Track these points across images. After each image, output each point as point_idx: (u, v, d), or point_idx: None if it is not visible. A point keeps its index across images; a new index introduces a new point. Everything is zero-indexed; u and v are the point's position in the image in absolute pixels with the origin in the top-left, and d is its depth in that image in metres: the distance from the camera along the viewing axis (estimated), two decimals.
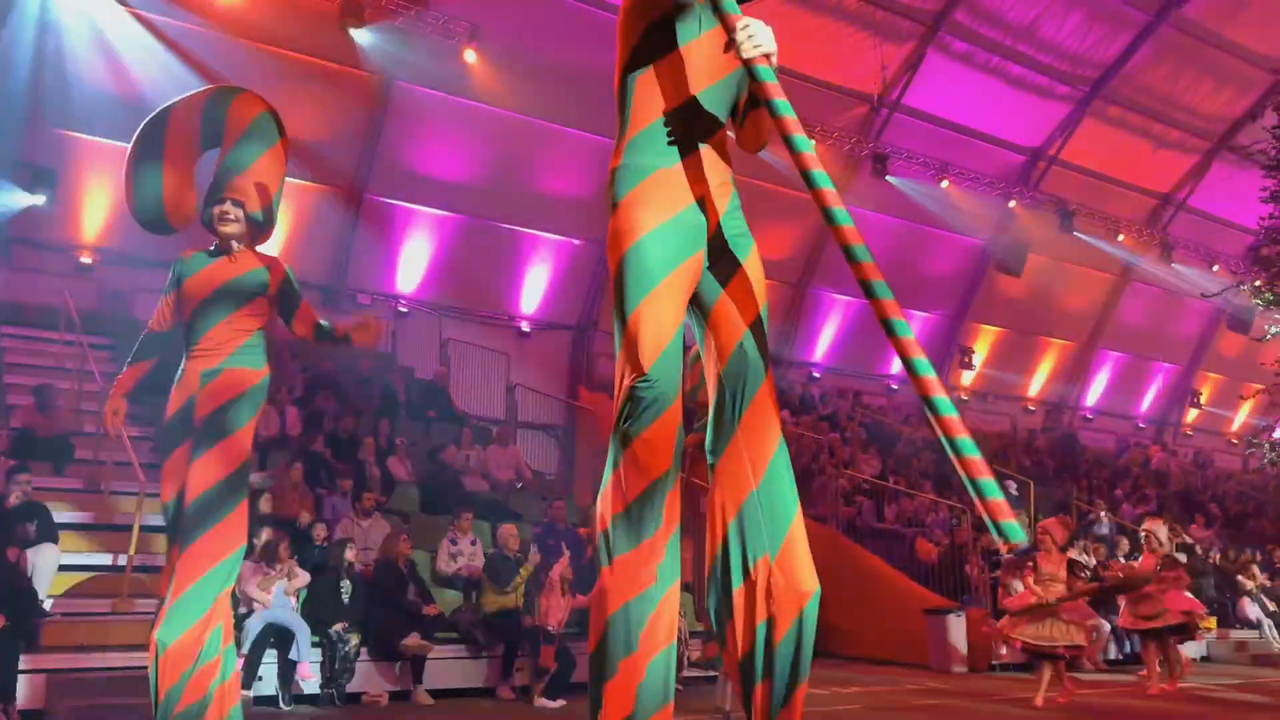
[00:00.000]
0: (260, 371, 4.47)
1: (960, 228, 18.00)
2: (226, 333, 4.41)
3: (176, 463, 4.32)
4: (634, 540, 2.72)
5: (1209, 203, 20.32)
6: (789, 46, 13.66)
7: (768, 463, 2.83)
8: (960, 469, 2.34)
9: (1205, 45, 17.79)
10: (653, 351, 2.73)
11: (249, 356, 4.44)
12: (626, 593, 2.70)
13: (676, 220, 2.80)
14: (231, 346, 4.40)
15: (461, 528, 8.91)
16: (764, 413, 2.82)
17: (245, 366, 4.40)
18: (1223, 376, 22.87)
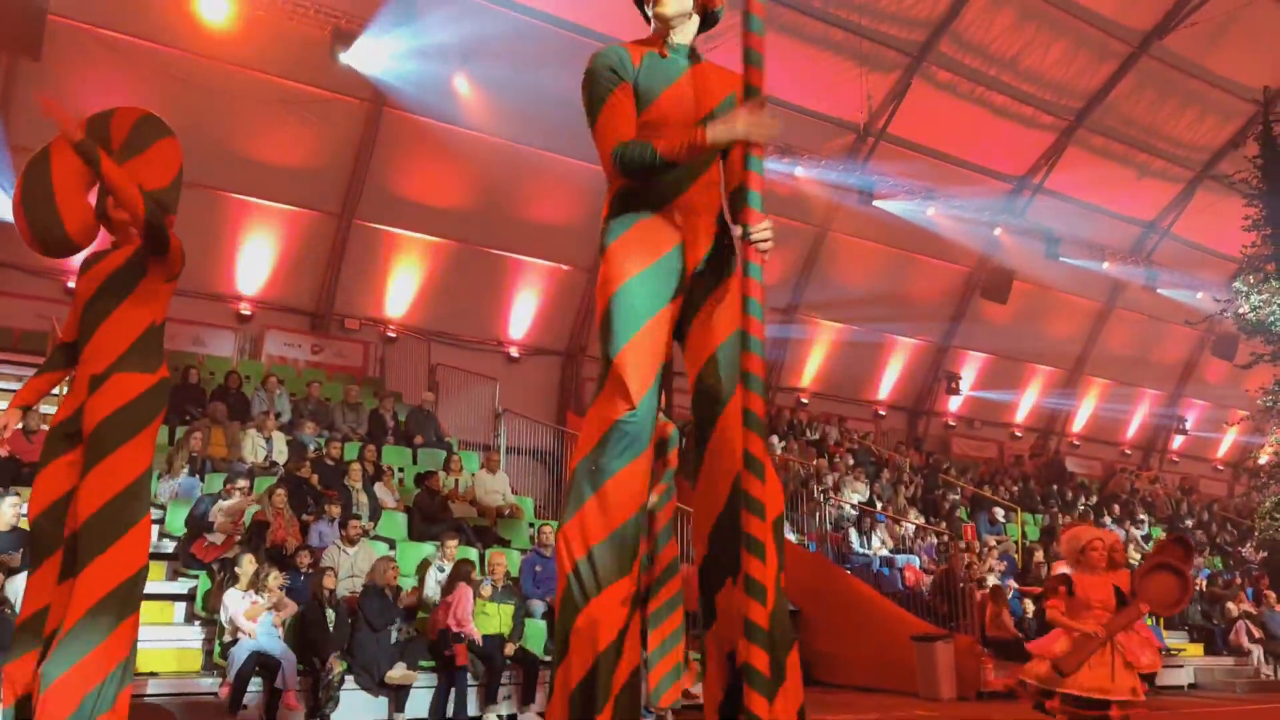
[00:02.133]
0: (153, 375, 4.05)
1: (947, 254, 18.12)
2: (114, 332, 4.01)
3: (53, 475, 3.93)
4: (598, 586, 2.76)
5: (1193, 231, 20.51)
6: (778, 77, 13.80)
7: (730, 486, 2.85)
8: None
9: (1187, 76, 18.03)
10: (637, 392, 2.82)
11: (139, 359, 4.02)
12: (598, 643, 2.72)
13: (657, 266, 2.92)
14: (120, 348, 4.00)
15: (448, 554, 8.86)
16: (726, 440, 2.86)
17: (136, 371, 4.00)
18: (1208, 403, 23.00)
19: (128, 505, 3.86)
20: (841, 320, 18.42)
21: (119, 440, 3.88)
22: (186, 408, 11.11)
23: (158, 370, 4.09)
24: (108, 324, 4.02)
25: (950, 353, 19.80)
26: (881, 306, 18.46)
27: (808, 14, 15.08)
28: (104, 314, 4.03)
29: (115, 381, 3.95)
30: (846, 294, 18.02)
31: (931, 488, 15.83)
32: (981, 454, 20.02)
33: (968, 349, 19.96)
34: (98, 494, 3.81)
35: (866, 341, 18.88)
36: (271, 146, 13.29)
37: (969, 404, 20.28)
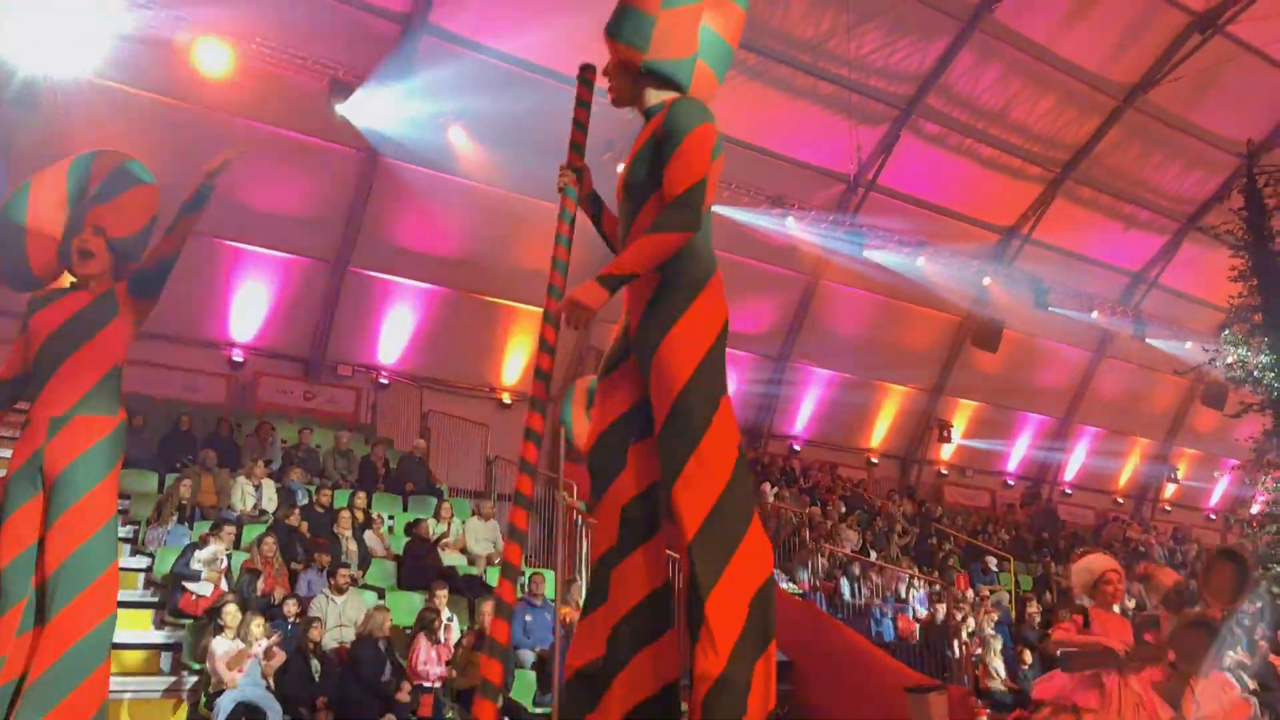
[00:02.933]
0: (114, 418, 3.96)
1: (937, 303, 18.26)
2: (77, 374, 3.88)
3: (17, 523, 3.77)
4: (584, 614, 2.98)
5: (1180, 281, 20.72)
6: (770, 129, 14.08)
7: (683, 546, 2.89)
8: None
9: (1172, 129, 18.34)
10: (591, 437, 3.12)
11: (102, 401, 3.91)
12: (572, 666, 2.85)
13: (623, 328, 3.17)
14: (82, 390, 3.87)
15: (437, 603, 8.79)
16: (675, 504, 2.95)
17: (98, 413, 3.89)
18: (1199, 451, 23.06)
19: (97, 551, 3.78)
20: (833, 368, 18.49)
21: (86, 486, 3.79)
22: (177, 455, 11.08)
23: (118, 413, 4.00)
24: (70, 365, 3.89)
25: (942, 401, 19.85)
26: (873, 354, 18.56)
27: (797, 68, 15.35)
28: (65, 355, 3.90)
29: (78, 424, 3.84)
30: (838, 342, 18.12)
31: (924, 536, 15.79)
32: (974, 502, 20.00)
33: (959, 397, 20.03)
34: (68, 541, 3.72)
35: (858, 389, 18.94)
36: (268, 194, 13.40)
37: (961, 452, 20.30)
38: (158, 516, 9.44)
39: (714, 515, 2.83)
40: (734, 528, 2.85)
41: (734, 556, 2.81)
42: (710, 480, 2.84)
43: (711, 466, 2.85)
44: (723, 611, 2.75)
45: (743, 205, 15.51)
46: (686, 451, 2.87)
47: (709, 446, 2.86)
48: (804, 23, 15.05)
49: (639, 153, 3.11)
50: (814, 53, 15.33)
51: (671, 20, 3.03)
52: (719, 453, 2.86)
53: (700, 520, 2.82)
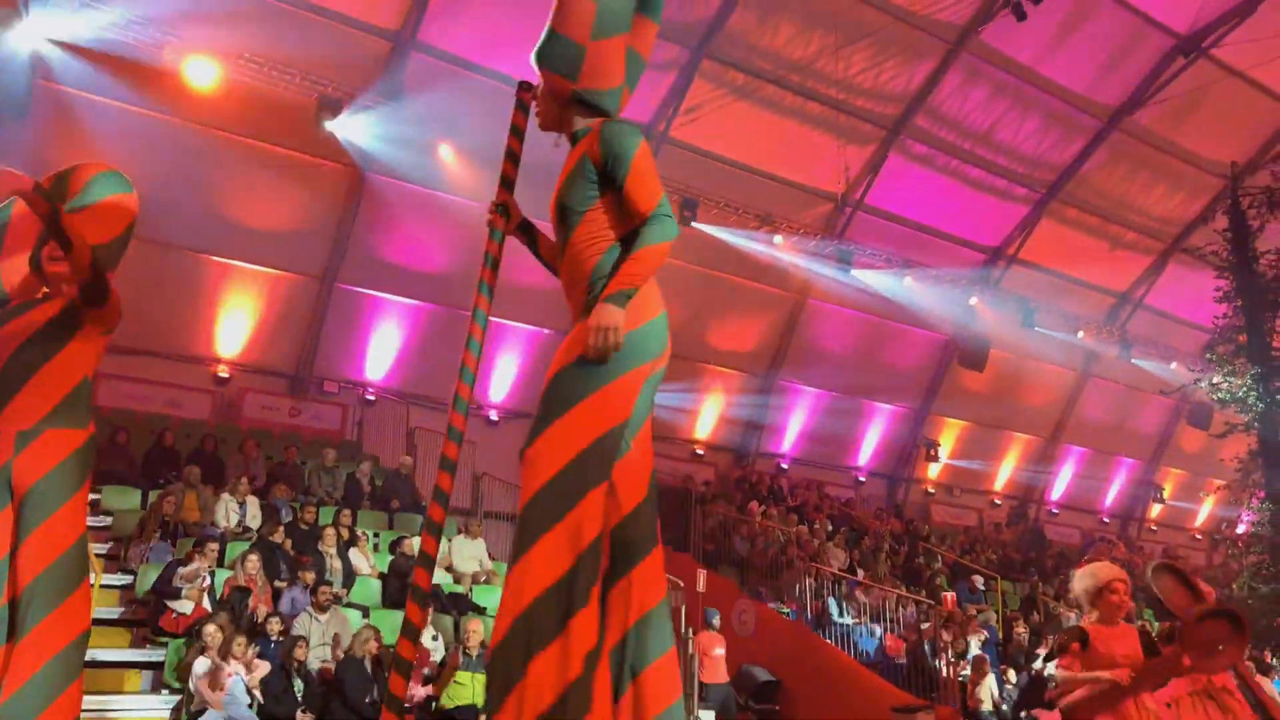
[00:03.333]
0: (84, 431, 3.87)
1: (924, 322, 18.32)
2: (45, 386, 3.79)
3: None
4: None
5: (1165, 301, 20.85)
6: (759, 148, 14.16)
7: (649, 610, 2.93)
8: None
9: (1157, 151, 18.49)
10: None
11: (71, 415, 3.82)
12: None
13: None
14: (51, 403, 3.78)
15: None
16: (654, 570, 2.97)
17: (68, 427, 3.80)
18: (1185, 472, 23.13)
19: (70, 567, 3.73)
20: (821, 387, 18.52)
21: (57, 501, 3.73)
22: (160, 471, 10.99)
23: (88, 426, 3.92)
24: (38, 378, 3.80)
25: (929, 420, 19.89)
26: (860, 373, 18.60)
27: (785, 88, 15.44)
28: (33, 367, 3.80)
29: (48, 439, 3.76)
30: (825, 361, 18.15)
31: (912, 555, 15.77)
32: (961, 522, 20.01)
33: (946, 416, 20.06)
34: (40, 558, 3.67)
35: (846, 408, 18.96)
36: (255, 210, 13.38)
37: (948, 471, 20.32)
38: (140, 533, 9.36)
39: (541, 492, 2.87)
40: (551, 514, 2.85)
41: (542, 537, 2.82)
42: (546, 461, 2.89)
43: (554, 449, 2.89)
44: (511, 589, 2.81)
45: (731, 224, 15.56)
46: (543, 427, 2.96)
47: (561, 429, 2.91)
48: (792, 43, 15.15)
49: (570, 175, 3.20)
50: (802, 73, 15.43)
51: (600, 51, 3.11)
52: (563, 440, 2.89)
53: (528, 496, 2.89)
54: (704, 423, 17.58)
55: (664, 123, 14.97)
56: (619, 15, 3.17)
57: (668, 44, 14.48)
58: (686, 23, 14.37)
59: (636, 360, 3.00)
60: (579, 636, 2.74)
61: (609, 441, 2.91)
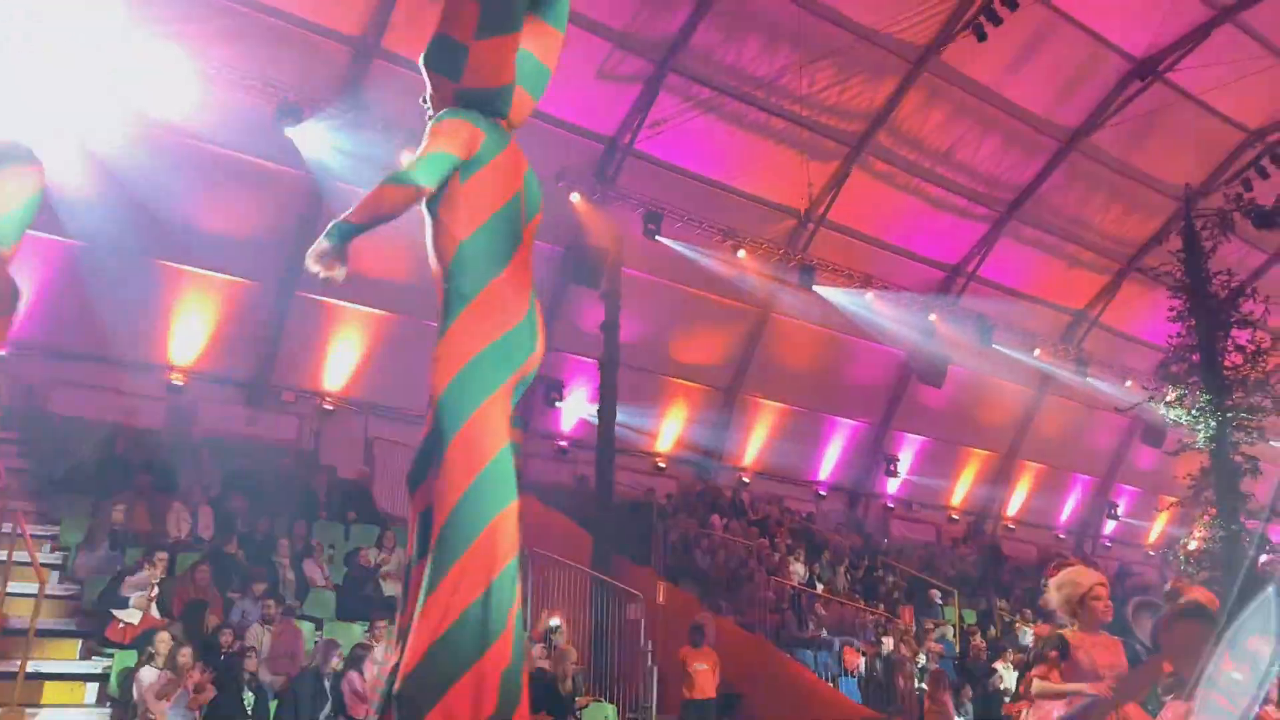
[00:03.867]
0: None
1: (884, 338, 18.45)
2: None
3: None
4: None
5: (1120, 320, 21.18)
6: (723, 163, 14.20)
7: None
8: None
9: (1113, 172, 18.82)
10: None
11: None
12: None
13: None
14: None
15: (377, 636, 8.60)
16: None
17: None
18: (1139, 489, 23.47)
19: None
20: (783, 401, 18.58)
21: None
22: (111, 479, 10.76)
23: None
24: None
25: (889, 436, 20.02)
26: (822, 389, 18.69)
27: (751, 103, 15.53)
28: None
29: None
30: (788, 375, 18.23)
31: (871, 570, 15.84)
32: (919, 537, 20.14)
33: (905, 432, 20.20)
34: None
35: (807, 423, 19.04)
36: (213, 216, 13.18)
37: (907, 486, 20.45)
38: (88, 541, 9.14)
39: (447, 522, 2.88)
40: (463, 537, 2.85)
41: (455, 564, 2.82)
42: (447, 488, 2.88)
43: (450, 477, 2.88)
44: (424, 616, 2.79)
45: (695, 238, 15.60)
46: (438, 458, 2.94)
47: (451, 457, 2.90)
48: (758, 59, 15.25)
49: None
50: (767, 89, 15.53)
51: (484, 50, 3.11)
52: (458, 465, 2.89)
53: (437, 529, 2.89)
54: (666, 436, 17.56)
55: (629, 135, 14.99)
56: (505, 15, 3.15)
57: (633, 57, 14.52)
58: (652, 37, 14.43)
59: (503, 375, 2.95)
60: (494, 661, 2.73)
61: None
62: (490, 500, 2.89)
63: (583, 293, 15.20)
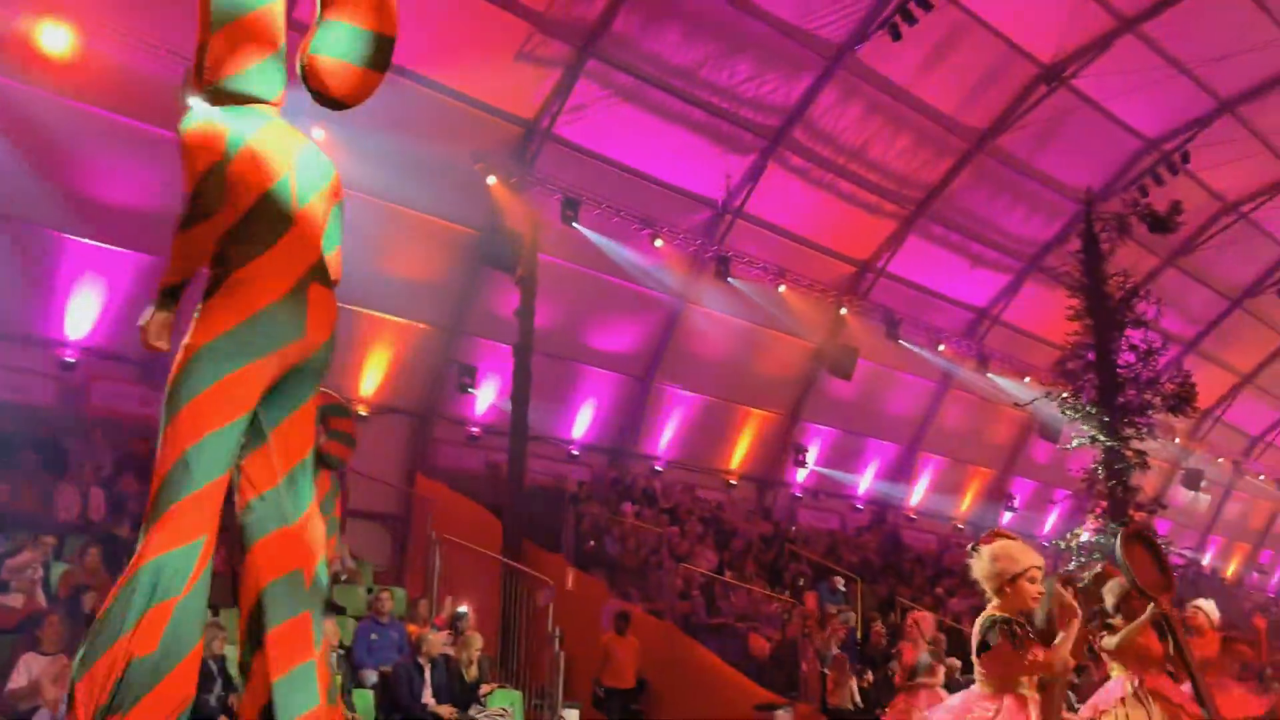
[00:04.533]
0: None
1: (796, 331, 18.72)
2: None
3: None
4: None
5: (1021, 318, 21.89)
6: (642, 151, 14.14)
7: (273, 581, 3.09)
8: None
9: (1019, 174, 19.40)
10: None
11: None
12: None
13: None
14: None
15: None
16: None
17: None
18: (1035, 482, 24.32)
19: None
20: (696, 390, 18.71)
21: None
22: None
23: None
24: None
25: (798, 426, 20.34)
26: (735, 379, 18.88)
27: (670, 92, 15.55)
28: None
29: None
30: (702, 365, 18.36)
31: (778, 557, 16.08)
32: (824, 525, 20.52)
33: (814, 423, 20.55)
34: None
35: (720, 412, 19.22)
36: (111, 187, 12.62)
37: (815, 476, 20.82)
38: None
39: (149, 507, 2.89)
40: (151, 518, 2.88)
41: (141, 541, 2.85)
42: (154, 477, 2.90)
43: (157, 474, 2.89)
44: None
45: (613, 225, 15.57)
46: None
47: (159, 454, 2.91)
48: (679, 49, 15.27)
49: None
50: (687, 79, 15.57)
51: (218, 41, 3.12)
52: (162, 455, 2.91)
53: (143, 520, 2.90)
54: (581, 423, 17.52)
55: (549, 119, 14.87)
56: (229, 3, 3.13)
57: (553, 41, 14.40)
58: (572, 21, 14.32)
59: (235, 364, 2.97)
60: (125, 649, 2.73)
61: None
62: (178, 487, 2.84)
63: (498, 278, 15.04)
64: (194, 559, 2.81)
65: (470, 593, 11.97)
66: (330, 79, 3.06)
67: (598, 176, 15.51)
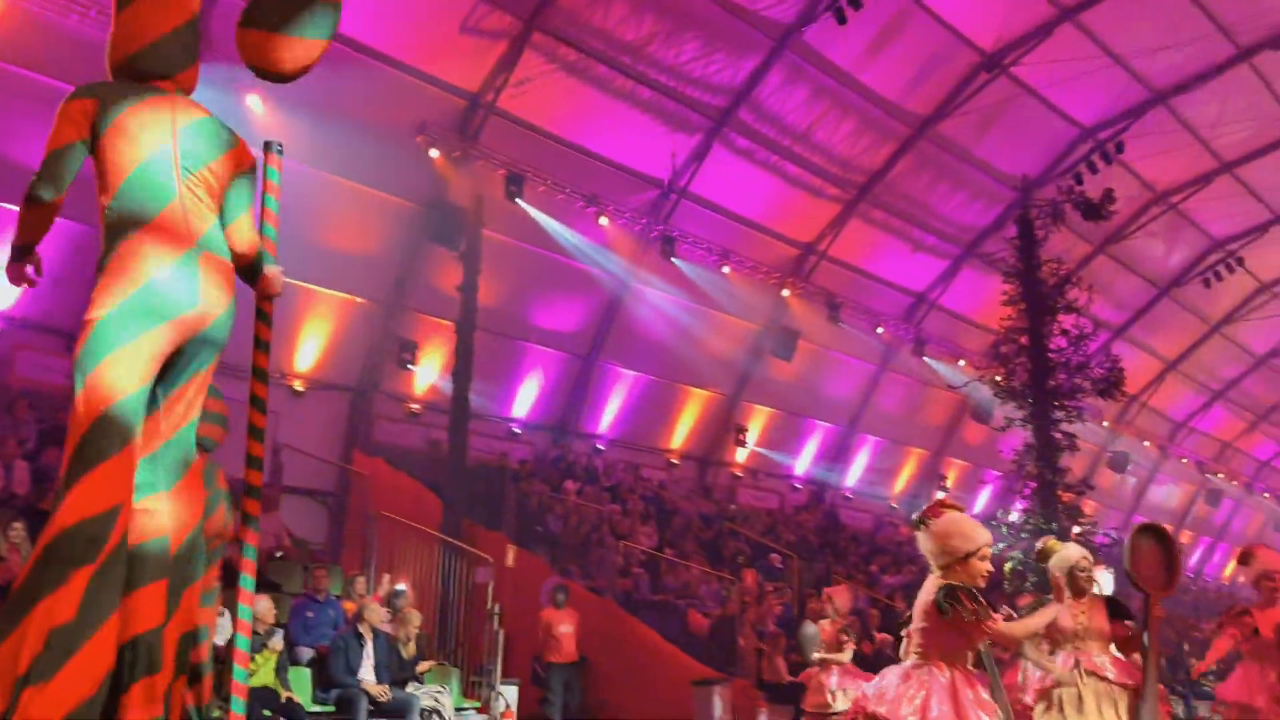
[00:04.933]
0: None
1: (739, 312, 18.82)
2: None
3: None
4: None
5: (957, 303, 22.28)
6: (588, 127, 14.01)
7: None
8: None
9: (959, 160, 19.67)
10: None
11: None
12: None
13: None
14: None
15: None
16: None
17: None
18: (967, 463, 24.85)
19: None
20: (640, 370, 18.74)
21: None
22: None
23: None
24: None
25: (739, 406, 20.49)
26: (678, 359, 18.94)
27: (617, 69, 15.45)
28: None
29: None
30: (645, 344, 18.37)
31: (718, 535, 16.23)
32: (763, 504, 20.75)
33: (755, 403, 20.72)
34: None
35: (663, 392, 19.28)
36: (32, 150, 12.15)
37: (755, 456, 21.01)
38: None
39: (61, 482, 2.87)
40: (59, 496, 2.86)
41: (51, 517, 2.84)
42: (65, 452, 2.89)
43: (68, 444, 2.89)
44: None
45: (558, 202, 15.47)
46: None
47: (69, 425, 2.92)
48: (625, 24, 15.17)
49: None
50: (634, 55, 15.49)
51: (123, 20, 3.15)
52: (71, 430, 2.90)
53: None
54: (523, 401, 17.44)
55: (493, 93, 14.69)
56: None
57: (499, 12, 14.20)
58: None
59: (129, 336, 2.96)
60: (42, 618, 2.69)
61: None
62: (89, 456, 2.82)
63: (440, 253, 14.87)
64: (110, 526, 2.76)
65: (409, 570, 11.89)
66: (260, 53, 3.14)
67: (542, 152, 15.38)
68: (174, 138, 3.04)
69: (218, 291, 3.00)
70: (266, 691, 7.57)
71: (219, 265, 3.05)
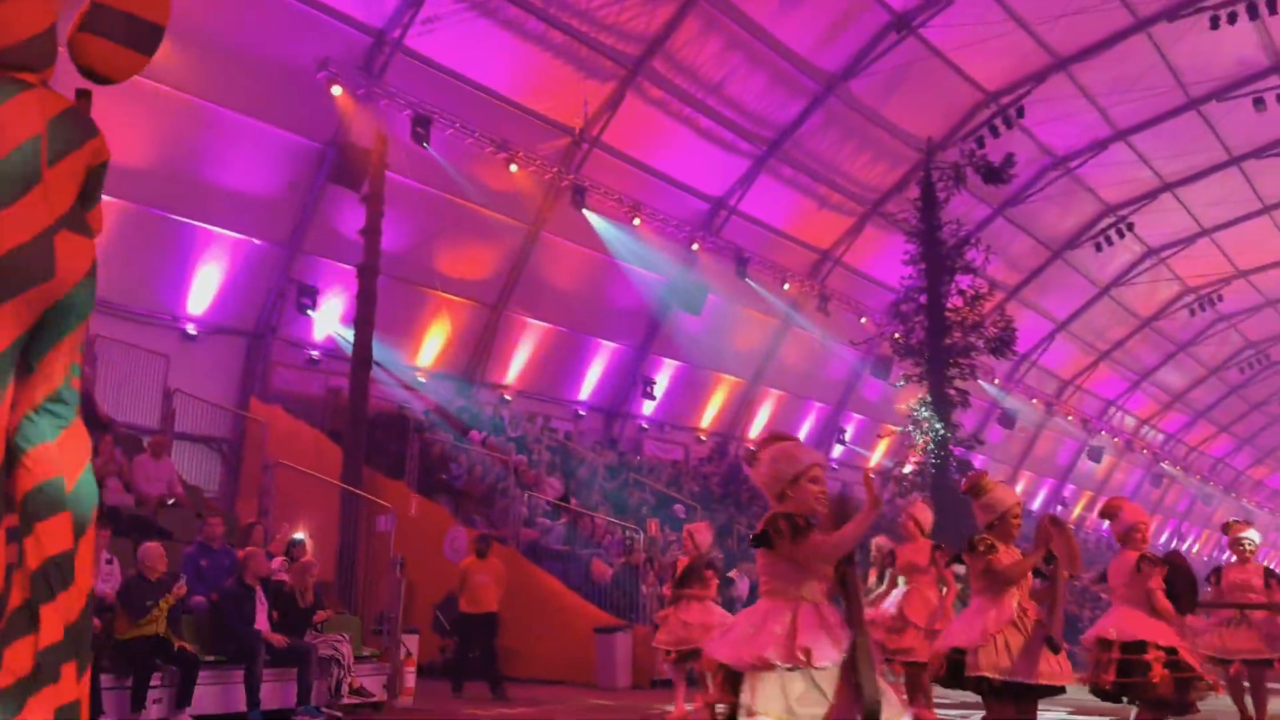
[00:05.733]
0: None
1: (648, 264, 18.80)
2: None
3: None
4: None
5: (861, 261, 22.69)
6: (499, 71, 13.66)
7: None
8: None
9: (866, 120, 19.88)
10: None
11: None
12: None
13: None
14: None
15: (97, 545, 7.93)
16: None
17: None
18: (864, 417, 25.51)
19: None
20: (548, 320, 18.61)
21: None
22: None
23: None
24: None
25: (647, 359, 20.57)
26: (587, 310, 18.88)
27: (529, 11, 15.11)
28: None
29: None
30: (554, 295, 18.24)
31: (624, 486, 16.35)
32: (669, 456, 20.99)
33: (663, 356, 20.83)
34: None
35: (571, 343, 19.22)
36: None
37: (661, 408, 21.17)
38: None
39: None
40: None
41: None
42: None
43: None
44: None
45: (466, 147, 15.13)
46: None
47: None
48: None
49: None
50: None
51: (6, 9, 3.17)
52: None
53: None
54: (428, 350, 17.17)
55: (400, 30, 14.21)
56: None
57: None
58: None
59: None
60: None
61: None
62: None
63: (342, 195, 14.44)
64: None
65: (308, 519, 11.68)
66: (96, 59, 3.31)
67: (451, 95, 15.00)
68: (44, 129, 3.15)
69: (76, 265, 3.14)
70: (158, 640, 7.36)
71: (79, 242, 3.18)
